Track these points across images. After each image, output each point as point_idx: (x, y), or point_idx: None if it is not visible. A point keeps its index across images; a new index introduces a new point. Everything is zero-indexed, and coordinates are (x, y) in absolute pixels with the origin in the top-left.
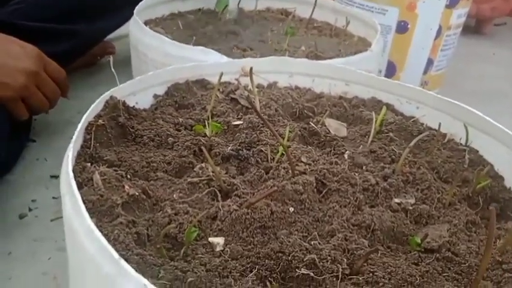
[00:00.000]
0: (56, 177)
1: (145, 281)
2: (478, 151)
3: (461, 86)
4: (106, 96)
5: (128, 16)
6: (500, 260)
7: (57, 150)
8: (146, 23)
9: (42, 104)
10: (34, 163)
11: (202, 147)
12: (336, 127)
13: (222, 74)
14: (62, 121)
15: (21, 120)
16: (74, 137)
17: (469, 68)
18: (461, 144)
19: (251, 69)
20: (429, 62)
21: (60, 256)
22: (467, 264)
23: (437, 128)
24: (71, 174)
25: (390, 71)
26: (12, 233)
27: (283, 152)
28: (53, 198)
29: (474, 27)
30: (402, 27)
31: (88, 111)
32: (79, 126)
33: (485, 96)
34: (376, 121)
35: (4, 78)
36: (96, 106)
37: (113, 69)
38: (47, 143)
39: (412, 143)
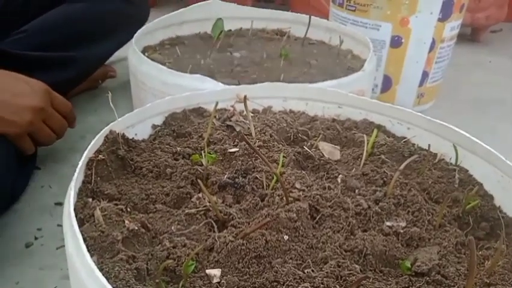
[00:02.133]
0: (61, 204)
1: None
2: (467, 170)
3: (459, 94)
4: (105, 131)
5: (125, 39)
6: (488, 281)
7: (61, 177)
8: (145, 49)
9: (49, 138)
10: (39, 190)
11: (198, 180)
12: (329, 150)
13: (217, 103)
14: (66, 147)
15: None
16: (75, 175)
17: (466, 76)
18: (451, 164)
19: (245, 96)
20: (425, 75)
21: (66, 284)
22: (456, 287)
23: (427, 148)
24: (73, 214)
25: (386, 84)
26: (19, 262)
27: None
28: (58, 225)
29: (470, 35)
30: (396, 42)
31: (88, 148)
32: (80, 163)
33: (483, 103)
34: (368, 143)
35: (11, 116)
36: (96, 142)
37: (111, 104)
38: (51, 170)
39: (402, 166)
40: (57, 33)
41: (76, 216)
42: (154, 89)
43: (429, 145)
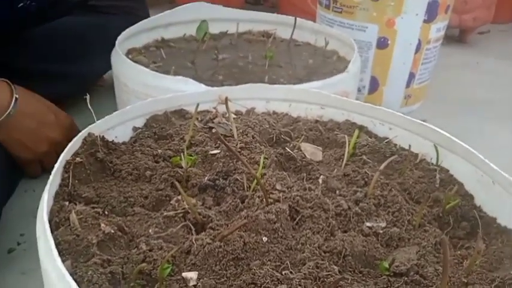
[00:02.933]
0: None
1: None
2: (448, 170)
3: (446, 95)
4: (83, 133)
5: None
6: (465, 281)
7: (45, 181)
8: (129, 51)
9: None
10: (22, 195)
11: (175, 182)
12: (311, 151)
13: (198, 105)
14: None
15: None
16: (50, 178)
17: (453, 78)
18: (432, 164)
19: (226, 98)
20: (411, 76)
21: None
22: (434, 287)
23: (409, 149)
24: (45, 218)
25: (373, 85)
26: (0, 267)
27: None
28: None
29: (457, 36)
30: (382, 43)
31: (65, 150)
32: (56, 166)
33: (471, 104)
34: (350, 144)
35: (30, 143)
36: (74, 144)
37: (90, 107)
38: None
39: (382, 167)
40: (59, 46)
41: (52, 219)
42: (137, 91)
43: (409, 145)
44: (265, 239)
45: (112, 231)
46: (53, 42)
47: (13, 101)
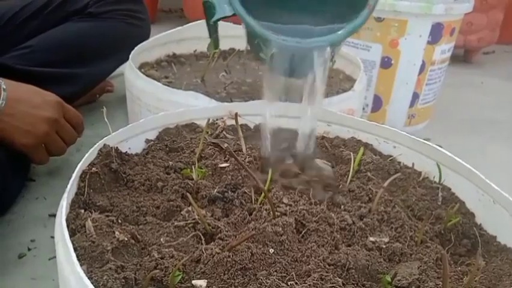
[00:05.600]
0: (55, 215)
1: None
2: (450, 189)
3: (451, 115)
4: (99, 144)
5: (126, 57)
6: None
7: (56, 189)
8: (142, 65)
9: (61, 148)
10: (33, 202)
11: (187, 194)
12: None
13: (209, 120)
14: (61, 159)
15: (21, 160)
16: (68, 186)
17: (458, 97)
18: (435, 182)
19: (236, 114)
20: (415, 96)
21: None
22: None
23: (412, 167)
24: (64, 224)
25: (377, 104)
26: (11, 272)
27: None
28: (52, 237)
29: (463, 56)
30: (386, 63)
31: (82, 160)
32: (73, 175)
33: (475, 124)
34: (355, 161)
35: (27, 126)
36: (90, 155)
37: (106, 119)
38: (46, 182)
39: (386, 183)
40: (62, 51)
41: (68, 226)
42: (149, 105)
43: (413, 164)
44: (271, 250)
45: (126, 239)
46: (56, 47)
47: (2, 90)
